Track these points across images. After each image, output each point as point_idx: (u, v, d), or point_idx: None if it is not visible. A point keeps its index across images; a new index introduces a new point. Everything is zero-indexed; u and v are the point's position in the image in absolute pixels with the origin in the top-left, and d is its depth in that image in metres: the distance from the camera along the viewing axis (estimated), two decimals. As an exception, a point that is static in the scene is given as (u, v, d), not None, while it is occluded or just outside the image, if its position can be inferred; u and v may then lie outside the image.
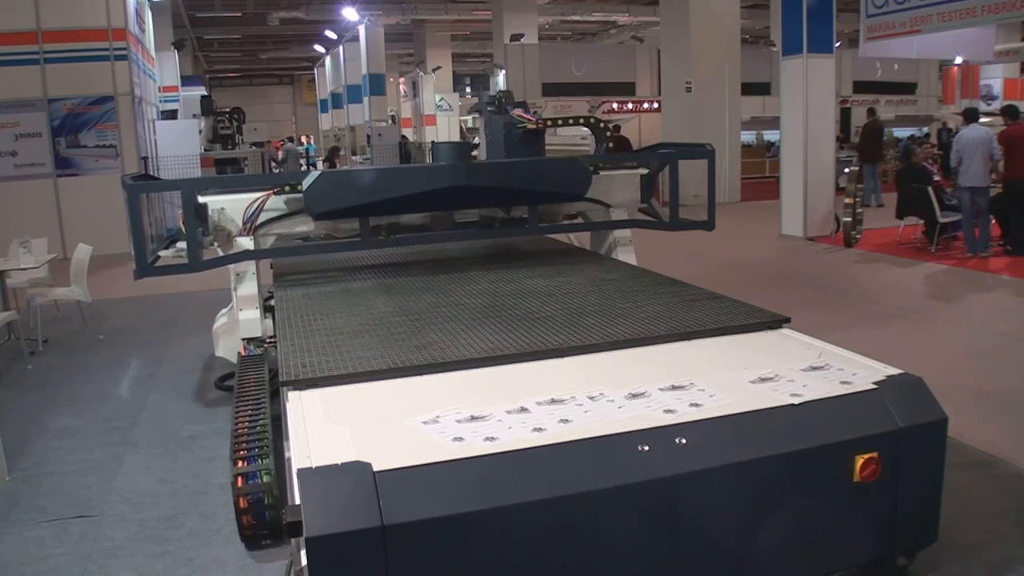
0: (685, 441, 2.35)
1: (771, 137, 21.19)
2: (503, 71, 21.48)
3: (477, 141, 10.02)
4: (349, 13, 21.78)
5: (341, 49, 26.14)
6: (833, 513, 2.54)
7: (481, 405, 2.50)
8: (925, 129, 21.58)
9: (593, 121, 5.45)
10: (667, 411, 2.47)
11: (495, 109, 5.25)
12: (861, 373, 2.74)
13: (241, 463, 3.19)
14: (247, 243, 4.46)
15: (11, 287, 6.96)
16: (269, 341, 4.49)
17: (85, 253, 7.09)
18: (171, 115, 16.11)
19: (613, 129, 5.52)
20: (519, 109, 5.17)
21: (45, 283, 7.27)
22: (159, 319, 7.67)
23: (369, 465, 2.11)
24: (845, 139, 19.28)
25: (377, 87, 22.62)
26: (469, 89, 40.61)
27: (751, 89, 18.17)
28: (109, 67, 11.79)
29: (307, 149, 33.60)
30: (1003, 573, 3.01)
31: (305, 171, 5.63)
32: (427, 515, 2.07)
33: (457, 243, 5.22)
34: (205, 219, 4.39)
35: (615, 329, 3.25)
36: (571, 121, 5.79)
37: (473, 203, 4.76)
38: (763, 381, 2.71)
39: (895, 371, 2.77)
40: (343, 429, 2.37)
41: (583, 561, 2.26)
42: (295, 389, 2.74)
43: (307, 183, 4.23)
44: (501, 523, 2.15)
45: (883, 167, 15.55)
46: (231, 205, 4.47)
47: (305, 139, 37.46)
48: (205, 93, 20.33)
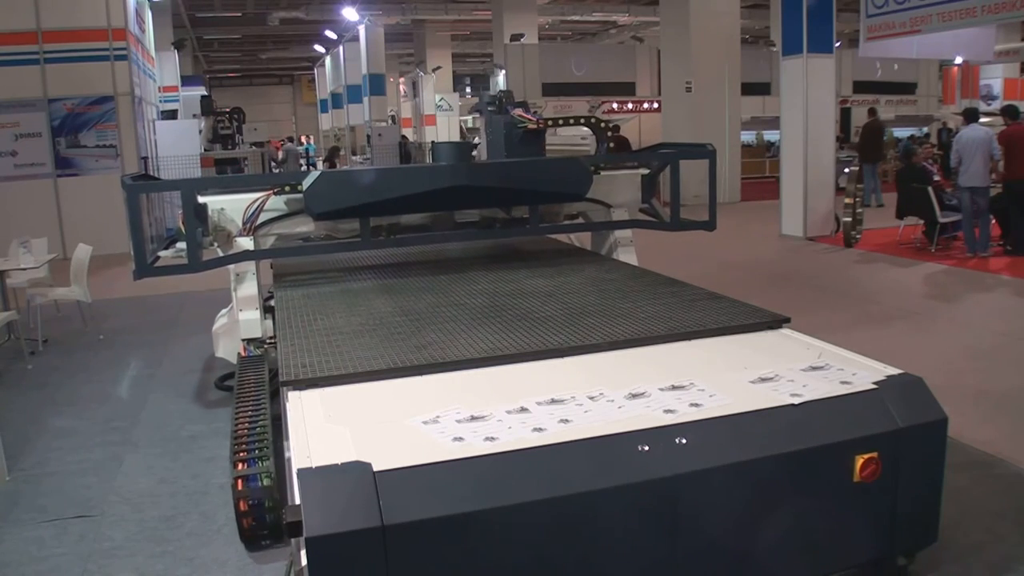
0: (685, 441, 2.35)
1: (771, 137, 21.19)
2: (503, 71, 21.48)
3: (477, 141, 10.02)
4: (349, 13, 21.79)
5: (341, 49, 26.14)
6: (833, 513, 2.54)
7: (481, 405, 2.50)
8: (925, 129, 21.59)
9: (594, 121, 5.45)
10: (667, 411, 2.47)
11: (496, 109, 5.24)
12: (861, 373, 2.74)
13: (241, 466, 3.18)
14: (247, 243, 4.46)
15: (11, 287, 6.96)
16: (269, 342, 4.49)
17: (85, 253, 7.09)
18: (171, 115, 16.11)
19: (613, 129, 5.50)
20: (520, 109, 5.17)
21: (45, 283, 7.27)
22: (159, 319, 7.67)
23: (369, 465, 2.11)
24: (845, 139, 19.29)
25: (377, 87, 22.61)
26: (469, 89, 40.60)
27: (751, 89, 18.17)
28: (109, 67, 11.80)
29: (307, 149, 33.60)
30: (1003, 573, 3.01)
31: (305, 171, 5.62)
32: (427, 515, 2.07)
33: (457, 243, 5.21)
34: (205, 219, 4.39)
35: (615, 329, 3.25)
36: (572, 121, 5.78)
37: (474, 203, 4.74)
38: (763, 381, 2.71)
39: (895, 371, 2.77)
40: (343, 429, 2.37)
41: (583, 561, 2.26)
42: (295, 389, 2.74)
43: (307, 183, 4.23)
44: (501, 523, 2.15)
45: (883, 167, 15.55)
46: (231, 205, 4.46)
47: (305, 139, 37.47)
48: (205, 93, 20.33)
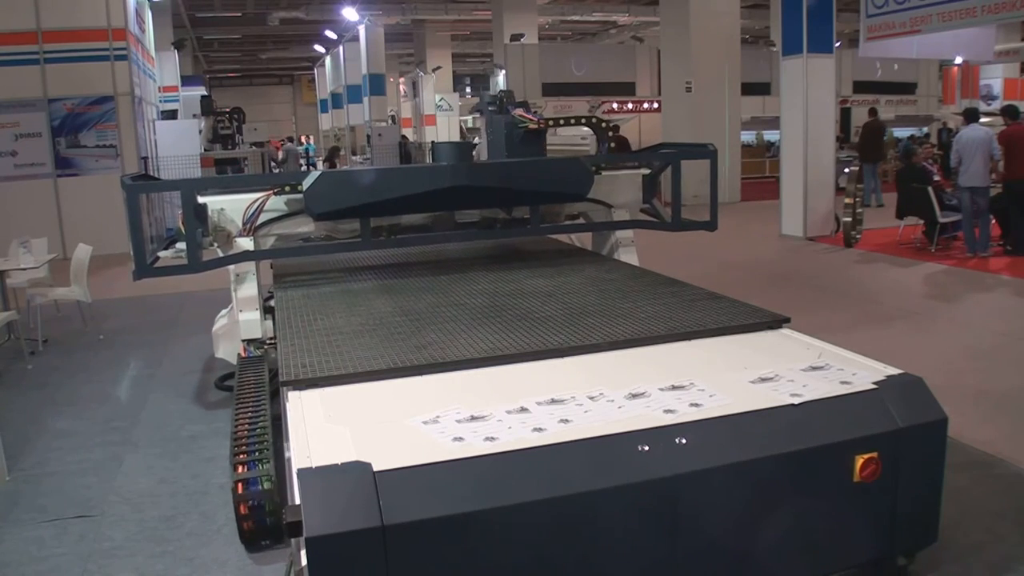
0: (685, 441, 2.35)
1: (771, 137, 21.20)
2: (503, 71, 21.48)
3: (477, 141, 10.01)
4: (349, 13, 21.78)
5: (341, 49, 26.14)
6: (833, 513, 2.54)
7: (481, 405, 2.50)
8: (925, 129, 21.60)
9: (595, 121, 5.43)
10: (667, 411, 2.47)
11: (496, 109, 5.22)
12: (861, 373, 2.74)
13: (241, 468, 3.17)
14: (247, 244, 4.45)
15: (11, 287, 6.95)
16: (269, 342, 4.48)
17: (85, 253, 7.09)
18: (171, 115, 16.11)
19: (612, 129, 5.50)
20: (520, 109, 5.15)
21: (45, 283, 7.27)
22: (159, 319, 7.67)
23: (369, 465, 2.11)
24: (845, 139, 19.29)
25: (377, 87, 22.61)
26: (469, 89, 40.60)
27: (751, 89, 18.17)
28: (109, 67, 11.80)
29: (307, 149, 33.58)
30: (1003, 573, 3.01)
31: (305, 171, 5.62)
32: (427, 515, 2.07)
33: (458, 244, 5.20)
34: (205, 219, 4.38)
35: (615, 329, 3.25)
36: (573, 121, 5.77)
37: (474, 203, 4.73)
38: (763, 381, 2.71)
39: (895, 371, 2.77)
40: (343, 429, 2.37)
41: (583, 561, 2.26)
42: (295, 389, 2.74)
43: (307, 183, 4.22)
44: (501, 523, 2.15)
45: (883, 167, 15.55)
46: (231, 205, 4.45)
47: (305, 139, 37.46)
48: (205, 93, 20.33)
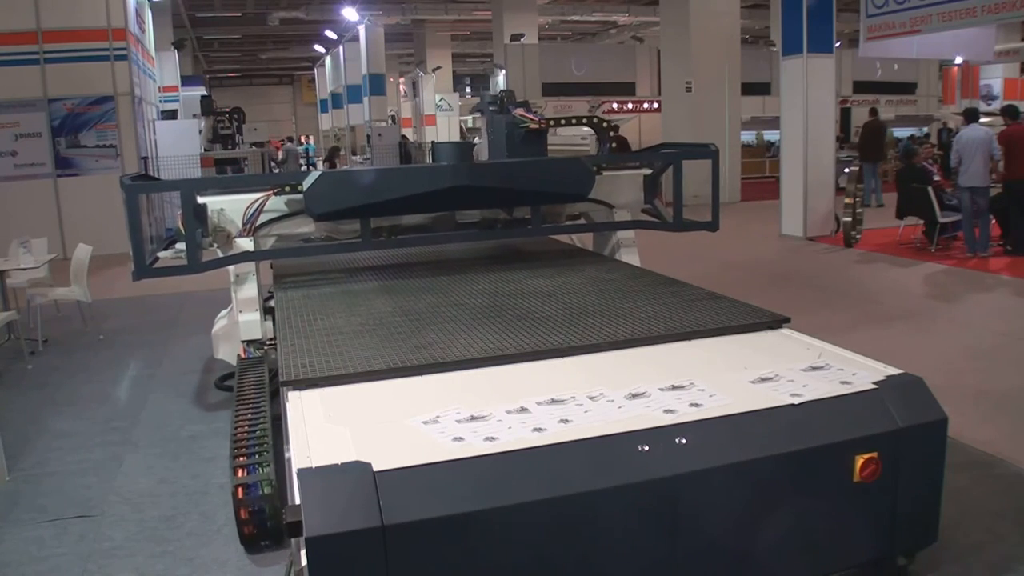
0: (685, 441, 2.35)
1: (771, 137, 21.20)
2: (503, 71, 21.48)
3: (477, 141, 10.01)
4: (349, 13, 21.79)
5: (341, 49, 26.14)
6: (833, 513, 2.53)
7: (481, 405, 2.50)
8: (925, 129, 21.60)
9: (596, 121, 5.41)
10: (667, 411, 2.47)
11: (497, 109, 5.19)
12: (861, 373, 2.74)
13: (241, 473, 3.13)
14: (247, 244, 4.43)
15: (11, 287, 6.96)
16: (269, 343, 4.48)
17: (85, 253, 7.09)
18: (171, 115, 16.11)
19: (612, 129, 5.48)
20: (521, 109, 5.12)
21: (45, 283, 7.27)
22: (159, 319, 7.67)
23: (369, 465, 2.10)
24: (845, 139, 19.29)
25: (377, 87, 22.62)
26: (469, 89, 40.61)
27: (751, 89, 18.17)
28: (109, 67, 11.80)
29: (306, 149, 33.56)
30: (1003, 573, 3.01)
31: (305, 171, 5.61)
32: (427, 515, 2.07)
33: (458, 244, 5.18)
34: (204, 220, 4.37)
35: (615, 329, 3.25)
36: (574, 121, 5.75)
37: (475, 204, 4.70)
38: (763, 381, 2.70)
39: (895, 371, 2.77)
40: (343, 429, 2.37)
41: (583, 561, 2.26)
42: (295, 389, 2.74)
43: (307, 184, 4.20)
44: (501, 523, 2.15)
45: (883, 167, 15.55)
46: (231, 206, 4.44)
47: (304, 139, 37.46)
48: (205, 93, 20.34)
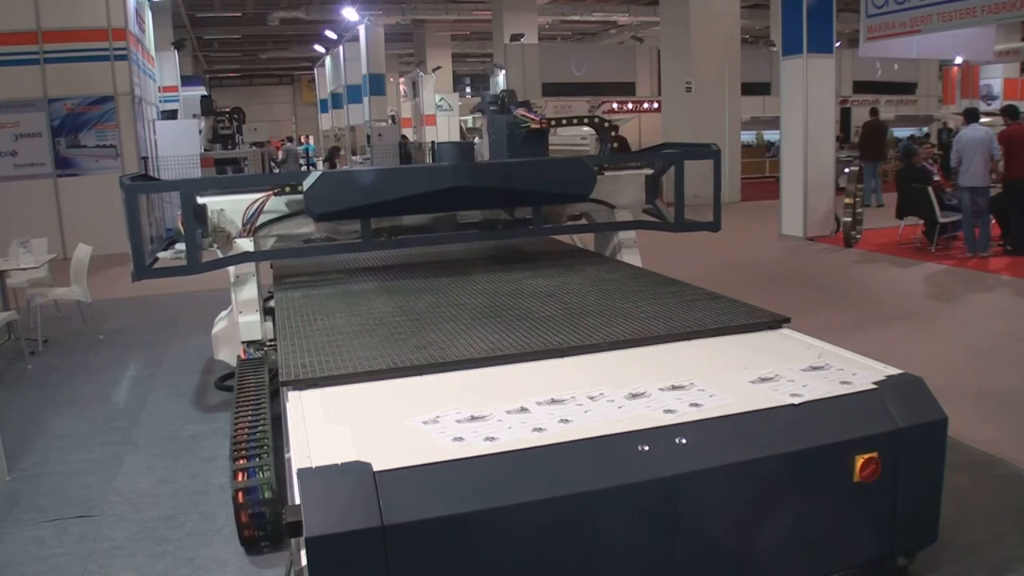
0: (685, 441, 2.35)
1: (771, 137, 21.20)
2: (503, 71, 21.48)
3: (477, 141, 10.01)
4: (349, 13, 21.79)
5: (341, 49, 26.15)
6: (833, 513, 2.53)
7: (481, 405, 2.50)
8: (925, 129, 21.59)
9: (597, 121, 5.39)
10: (667, 411, 2.47)
11: (498, 109, 5.16)
12: (861, 373, 2.74)
13: (241, 477, 3.10)
14: (247, 245, 4.42)
15: (11, 287, 6.95)
16: (269, 344, 4.46)
17: (85, 253, 7.09)
18: (171, 115, 16.11)
19: (613, 129, 5.47)
20: (522, 109, 5.10)
21: (45, 283, 7.27)
22: (159, 319, 7.67)
23: (369, 465, 2.10)
24: (845, 139, 19.28)
25: (377, 87, 22.62)
26: (469, 89, 40.62)
27: (751, 89, 18.17)
28: (109, 67, 11.80)
29: (306, 149, 33.53)
30: (1003, 573, 3.01)
31: (305, 171, 5.60)
32: (427, 515, 2.07)
33: (459, 244, 5.16)
34: (204, 220, 4.35)
35: (615, 329, 3.25)
36: (575, 121, 5.72)
37: (476, 204, 4.68)
38: (763, 381, 2.70)
39: (895, 371, 2.77)
40: (343, 429, 2.37)
41: (583, 561, 2.26)
42: (295, 389, 2.74)
43: (307, 184, 4.19)
44: (501, 523, 2.15)
45: (884, 167, 15.55)
46: (230, 206, 4.43)
47: (304, 139, 37.45)
48: (205, 93, 20.34)
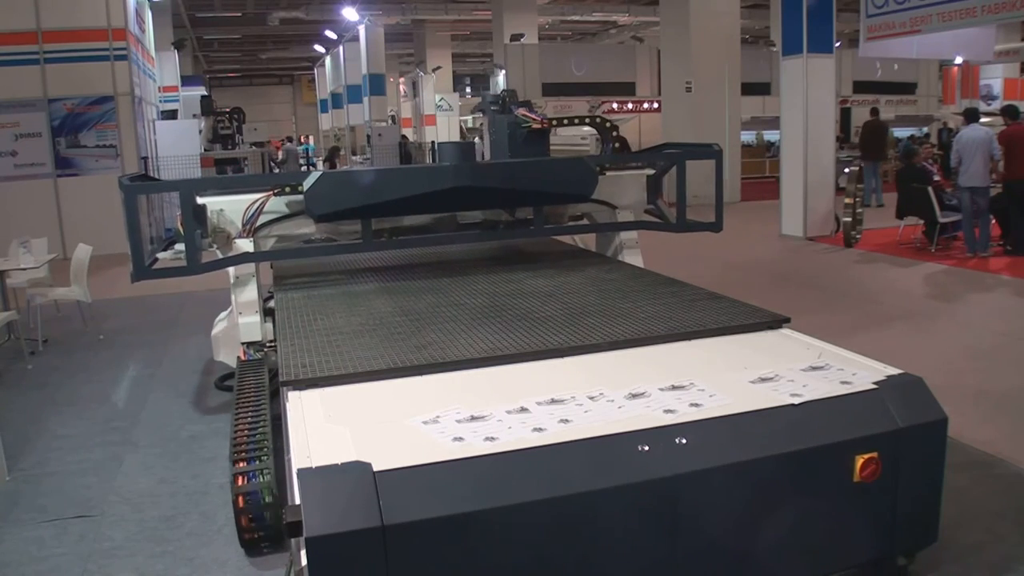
0: (685, 441, 2.35)
1: (771, 137, 21.19)
2: (503, 71, 21.48)
3: (477, 141, 10.00)
4: (349, 13, 21.79)
5: (341, 49, 26.14)
6: (833, 513, 2.54)
7: (481, 405, 2.50)
8: (925, 129, 21.59)
9: (599, 121, 5.38)
10: (667, 411, 2.47)
11: (499, 109, 5.13)
12: (861, 373, 2.74)
13: (241, 480, 3.08)
14: (246, 245, 4.40)
15: (11, 287, 6.95)
16: (269, 345, 4.46)
17: (85, 253, 7.09)
18: (171, 115, 16.11)
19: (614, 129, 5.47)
20: (524, 108, 5.06)
21: (45, 283, 7.27)
22: (159, 319, 7.67)
23: (369, 465, 2.10)
24: (845, 139, 19.28)
25: (377, 87, 22.61)
26: (469, 89, 40.63)
27: (751, 89, 18.16)
28: (109, 67, 11.80)
29: (305, 149, 33.50)
30: (1003, 573, 3.01)
31: (305, 172, 5.59)
32: (427, 515, 2.07)
33: (460, 245, 5.14)
34: (204, 221, 4.34)
35: (615, 329, 3.25)
36: (577, 121, 5.70)
37: (477, 204, 4.67)
38: (763, 381, 2.70)
39: (895, 371, 2.77)
40: (343, 429, 2.37)
41: (583, 561, 2.26)
42: (295, 389, 2.74)
43: (308, 184, 4.18)
44: (501, 523, 2.15)
45: (884, 167, 15.54)
46: (230, 206, 4.41)
47: (304, 139, 37.43)
48: (205, 93, 20.33)
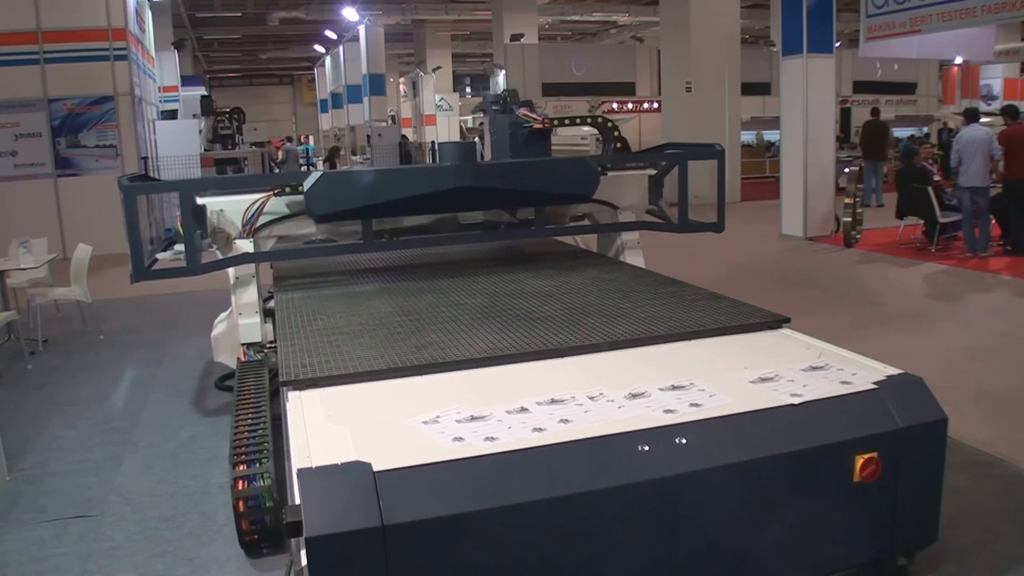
0: (685, 441, 2.35)
1: (771, 137, 21.19)
2: (503, 71, 21.48)
3: (477, 141, 9.99)
4: (349, 13, 21.78)
5: (341, 49, 26.13)
6: (833, 513, 2.54)
7: (481, 405, 2.50)
8: (925, 129, 21.59)
9: (601, 121, 5.37)
10: (667, 411, 2.47)
11: (500, 109, 5.10)
12: (861, 373, 2.74)
13: (241, 484, 3.04)
14: (246, 246, 4.39)
15: (11, 287, 6.95)
16: (269, 346, 4.44)
17: (85, 253, 7.09)
18: (171, 115, 16.11)
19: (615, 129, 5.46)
20: (525, 108, 5.03)
21: (45, 283, 7.27)
22: (159, 319, 7.67)
23: (369, 465, 2.10)
24: (845, 139, 19.28)
25: (377, 87, 22.60)
26: (469, 89, 40.63)
27: (751, 89, 18.16)
28: (109, 67, 11.80)
29: (305, 149, 33.47)
30: (1003, 573, 3.01)
31: (306, 172, 5.58)
32: (427, 515, 2.07)
33: (461, 245, 5.13)
34: (204, 221, 4.32)
35: (615, 329, 3.25)
36: (578, 121, 5.68)
37: (478, 205, 4.65)
38: (763, 381, 2.70)
39: (895, 371, 2.77)
40: (343, 429, 2.37)
41: (583, 561, 2.26)
42: (295, 389, 2.74)
43: (308, 184, 4.17)
44: (501, 523, 2.15)
45: (884, 167, 15.53)
46: (230, 207, 4.40)
47: (303, 139, 37.41)
48: (205, 93, 20.33)
